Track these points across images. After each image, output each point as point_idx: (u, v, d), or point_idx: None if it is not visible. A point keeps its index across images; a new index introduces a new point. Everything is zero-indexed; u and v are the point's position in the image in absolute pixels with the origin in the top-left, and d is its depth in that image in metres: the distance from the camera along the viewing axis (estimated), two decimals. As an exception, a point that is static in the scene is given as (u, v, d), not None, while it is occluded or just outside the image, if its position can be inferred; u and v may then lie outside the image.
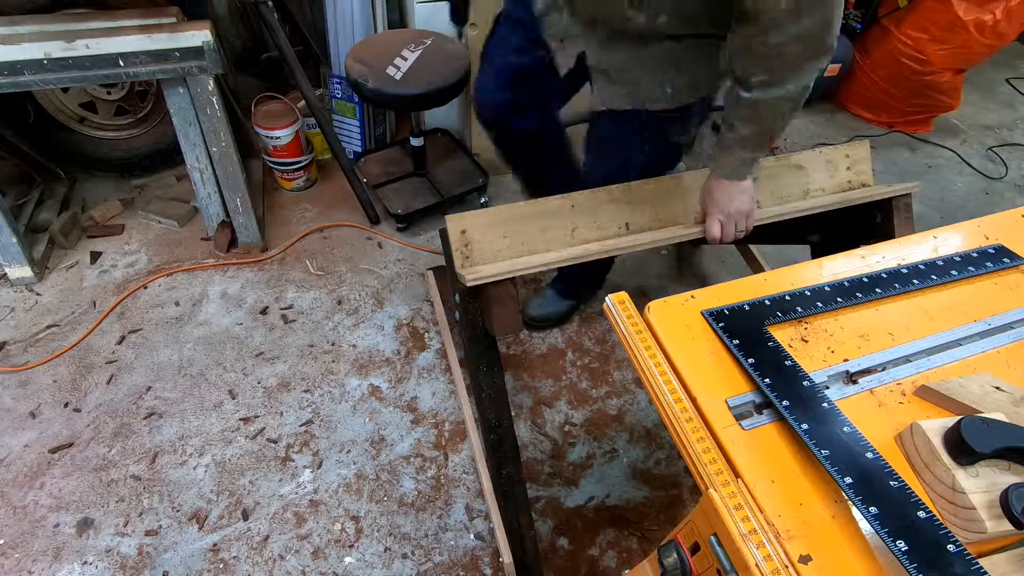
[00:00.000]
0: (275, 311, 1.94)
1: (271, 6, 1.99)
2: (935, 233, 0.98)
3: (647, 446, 1.70)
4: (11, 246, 1.86)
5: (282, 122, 2.14)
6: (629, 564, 1.47)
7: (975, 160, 2.86)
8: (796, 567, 0.57)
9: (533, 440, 1.70)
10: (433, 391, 1.78)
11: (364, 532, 1.49)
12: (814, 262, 0.91)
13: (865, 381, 0.75)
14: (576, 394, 1.81)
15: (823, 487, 0.64)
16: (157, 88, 2.04)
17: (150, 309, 1.92)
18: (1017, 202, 2.65)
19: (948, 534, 0.57)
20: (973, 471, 0.61)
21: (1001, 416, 0.65)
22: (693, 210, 1.31)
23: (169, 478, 1.55)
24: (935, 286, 0.87)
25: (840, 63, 2.81)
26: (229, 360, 1.81)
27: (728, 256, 2.25)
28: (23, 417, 1.64)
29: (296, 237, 2.17)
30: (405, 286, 2.05)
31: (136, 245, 2.11)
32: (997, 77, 3.48)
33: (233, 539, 1.46)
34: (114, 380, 1.74)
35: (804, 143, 2.84)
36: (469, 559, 1.46)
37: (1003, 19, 2.50)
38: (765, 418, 0.70)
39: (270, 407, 1.71)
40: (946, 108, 2.89)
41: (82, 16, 1.69)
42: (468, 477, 1.60)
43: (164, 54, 1.63)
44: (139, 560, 1.41)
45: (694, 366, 0.74)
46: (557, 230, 1.22)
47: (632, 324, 0.79)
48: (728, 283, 0.86)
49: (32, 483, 1.52)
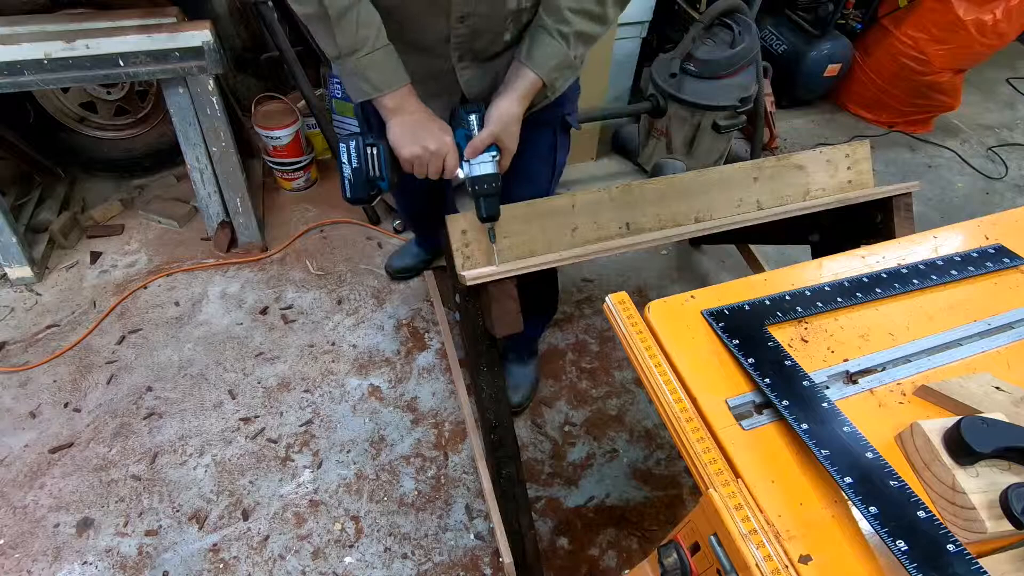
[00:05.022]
0: (275, 311, 1.94)
1: (271, 6, 1.99)
2: (935, 233, 0.98)
3: (647, 446, 1.70)
4: (11, 246, 1.86)
5: (282, 122, 2.14)
6: (629, 564, 1.47)
7: (975, 160, 2.86)
8: (796, 567, 0.57)
9: (533, 440, 1.70)
10: (433, 391, 1.78)
11: (364, 532, 1.49)
12: (814, 262, 0.91)
13: (865, 381, 0.75)
14: (576, 394, 1.81)
15: (823, 487, 0.64)
16: (157, 88, 2.04)
17: (150, 309, 1.92)
18: (1017, 202, 2.66)
19: (948, 534, 0.57)
20: (973, 471, 0.61)
21: (1001, 416, 0.65)
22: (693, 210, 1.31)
23: (169, 478, 1.55)
24: (935, 286, 0.87)
25: (840, 63, 2.81)
26: (229, 360, 1.81)
27: (728, 256, 2.25)
28: (23, 417, 1.64)
29: (296, 234, 2.17)
30: (405, 286, 2.05)
31: (136, 245, 2.11)
32: (997, 77, 3.48)
33: (233, 539, 1.46)
34: (114, 380, 1.74)
35: (804, 143, 2.84)
36: (469, 559, 1.46)
37: (1003, 19, 2.50)
38: (765, 418, 0.70)
39: (270, 407, 1.71)
40: (946, 108, 2.90)
41: (82, 16, 1.70)
42: (468, 477, 1.60)
43: (164, 54, 1.63)
44: (139, 560, 1.41)
45: (694, 366, 0.74)
46: (557, 230, 1.21)
47: (632, 324, 0.79)
48: (728, 283, 0.86)
49: (32, 483, 1.52)
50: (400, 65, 1.04)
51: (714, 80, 2.22)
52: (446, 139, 1.08)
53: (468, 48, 1.08)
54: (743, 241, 2.08)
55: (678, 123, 2.36)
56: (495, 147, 1.10)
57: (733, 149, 2.59)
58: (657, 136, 2.47)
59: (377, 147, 1.10)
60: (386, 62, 1.02)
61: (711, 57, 2.19)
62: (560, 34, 1.04)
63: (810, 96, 3.03)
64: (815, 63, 2.77)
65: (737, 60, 2.18)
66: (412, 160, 1.08)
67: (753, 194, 1.34)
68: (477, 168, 1.10)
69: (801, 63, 2.77)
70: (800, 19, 2.81)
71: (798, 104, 3.06)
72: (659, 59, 2.38)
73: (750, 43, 2.17)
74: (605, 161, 2.68)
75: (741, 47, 2.16)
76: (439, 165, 1.09)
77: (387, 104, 1.05)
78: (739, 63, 2.19)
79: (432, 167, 1.09)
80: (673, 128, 2.38)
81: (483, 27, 1.05)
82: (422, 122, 1.07)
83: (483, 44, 1.08)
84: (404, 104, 1.06)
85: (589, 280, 2.14)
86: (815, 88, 2.93)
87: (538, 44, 1.06)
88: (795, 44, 2.79)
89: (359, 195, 1.12)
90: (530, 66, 1.06)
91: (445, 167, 1.10)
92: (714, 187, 1.31)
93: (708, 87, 2.23)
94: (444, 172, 1.11)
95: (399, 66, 1.04)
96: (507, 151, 1.12)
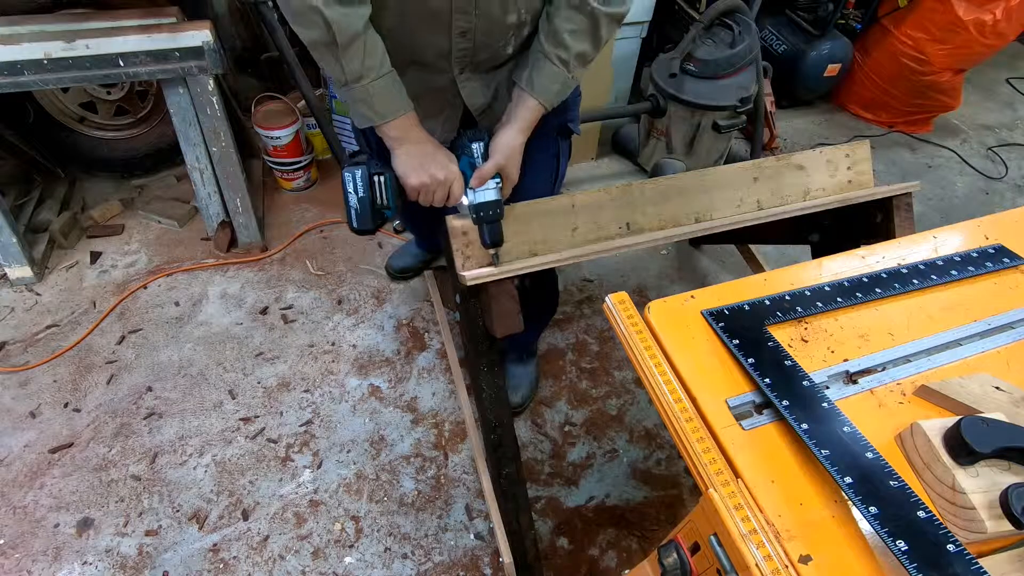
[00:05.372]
0: (275, 311, 1.94)
1: (271, 6, 1.99)
2: (935, 233, 0.98)
3: (647, 446, 1.70)
4: (11, 246, 1.86)
5: (282, 122, 2.14)
6: (629, 564, 1.47)
7: (975, 160, 2.86)
8: (796, 567, 0.57)
9: (533, 440, 1.70)
10: (433, 391, 1.78)
11: (364, 532, 1.49)
12: (814, 262, 0.91)
13: (865, 381, 0.75)
14: (576, 394, 1.81)
15: (823, 487, 0.64)
16: (157, 88, 2.04)
17: (150, 309, 1.92)
18: (1017, 202, 2.66)
19: (948, 534, 0.57)
20: (973, 471, 0.61)
21: (1001, 416, 0.65)
22: (693, 210, 1.31)
23: (169, 478, 1.55)
24: (935, 286, 0.87)
25: (840, 63, 2.81)
26: (229, 360, 1.81)
27: (728, 256, 2.25)
28: (23, 417, 1.64)
29: (296, 234, 2.17)
30: (405, 286, 2.05)
31: (136, 245, 2.11)
32: (997, 77, 3.48)
33: (233, 539, 1.46)
34: (114, 380, 1.74)
35: (804, 143, 2.84)
36: (469, 559, 1.46)
37: (1003, 19, 2.50)
38: (765, 418, 0.70)
39: (270, 407, 1.71)
40: (946, 108, 2.90)
41: (82, 16, 1.69)
42: (468, 477, 1.60)
43: (164, 54, 1.63)
44: (139, 560, 1.41)
45: (694, 366, 0.74)
46: (558, 230, 1.21)
47: (632, 324, 0.79)
48: (728, 283, 0.86)
49: (32, 483, 1.52)
50: (403, 92, 1.05)
51: (714, 80, 2.22)
52: (452, 168, 1.09)
53: (470, 61, 1.09)
54: (743, 241, 2.09)
55: (678, 123, 2.36)
56: (498, 175, 1.12)
57: (733, 149, 2.59)
58: (657, 136, 2.47)
59: (384, 176, 1.10)
60: (390, 89, 1.03)
61: (711, 57, 2.19)
62: (560, 60, 1.06)
63: (810, 96, 3.03)
64: (815, 63, 2.77)
65: (737, 60, 2.18)
66: (419, 189, 1.09)
67: (753, 194, 1.34)
68: (481, 195, 1.11)
69: (801, 63, 2.77)
70: (800, 19, 2.81)
71: (798, 104, 3.06)
72: (659, 59, 2.38)
73: (750, 43, 2.17)
74: (605, 161, 2.68)
75: (741, 47, 2.16)
76: (445, 193, 1.11)
77: (391, 133, 1.06)
78: (739, 63, 2.19)
79: (438, 195, 1.10)
80: (673, 128, 2.38)
81: (484, 41, 1.05)
82: (428, 151, 1.09)
83: (485, 57, 1.09)
84: (408, 133, 1.07)
85: (589, 280, 2.14)
86: (815, 88, 2.93)
87: (539, 71, 1.07)
88: (795, 44, 2.79)
89: (366, 226, 1.11)
90: (532, 94, 1.08)
91: (450, 195, 1.11)
92: (714, 187, 1.31)
93: (708, 87, 2.23)
94: (449, 200, 1.12)
95: (402, 92, 1.04)
96: (509, 180, 1.14)
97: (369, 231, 1.13)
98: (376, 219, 1.11)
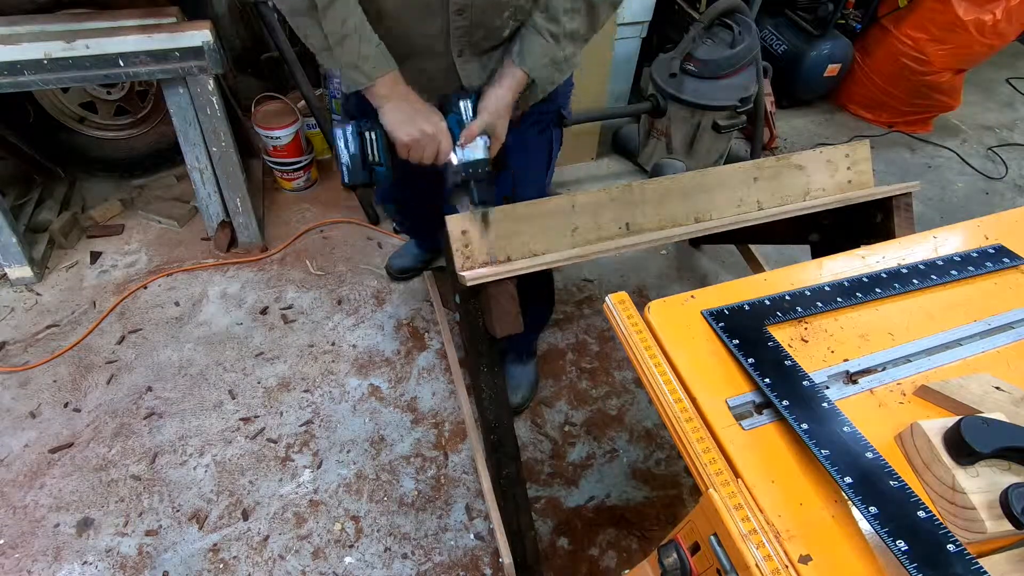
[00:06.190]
0: (275, 311, 1.94)
1: (271, 6, 1.99)
2: (935, 233, 0.98)
3: (647, 446, 1.70)
4: (11, 246, 1.86)
5: (282, 122, 2.14)
6: (629, 564, 1.47)
7: (975, 160, 2.86)
8: (796, 567, 0.57)
9: (533, 440, 1.70)
10: (433, 391, 1.78)
11: (364, 532, 1.49)
12: (814, 262, 0.91)
13: (865, 381, 0.75)
14: (576, 394, 1.81)
15: (823, 487, 0.64)
16: (157, 88, 2.04)
17: (150, 309, 1.92)
18: (1017, 202, 2.66)
19: (948, 534, 0.57)
20: (973, 471, 0.61)
21: (1001, 416, 0.65)
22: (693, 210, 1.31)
23: (169, 478, 1.55)
24: (935, 286, 0.87)
25: (840, 63, 2.81)
26: (229, 360, 1.81)
27: (728, 256, 2.25)
28: (23, 417, 1.64)
29: (296, 234, 2.17)
30: (405, 286, 2.05)
31: (136, 245, 2.11)
32: (997, 77, 3.48)
33: (233, 539, 1.46)
34: (114, 380, 1.74)
35: (804, 143, 2.84)
36: (469, 559, 1.46)
37: (1003, 19, 2.50)
38: (765, 418, 0.70)
39: (270, 407, 1.71)
40: (946, 108, 2.90)
41: (82, 16, 1.69)
42: (468, 477, 1.60)
43: (164, 54, 1.63)
44: (139, 560, 1.41)
45: (694, 366, 0.74)
46: (558, 230, 1.21)
47: (632, 324, 0.79)
48: (728, 283, 0.86)
49: (32, 483, 1.52)
50: (386, 50, 1.05)
51: (714, 80, 2.22)
52: (441, 124, 1.10)
53: (468, 41, 1.09)
54: (743, 241, 2.08)
55: (678, 123, 2.36)
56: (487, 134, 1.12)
57: (733, 149, 2.59)
58: (657, 136, 2.47)
59: (374, 131, 1.11)
60: (374, 48, 1.03)
61: (711, 57, 2.19)
62: (550, 34, 1.07)
63: (810, 96, 3.03)
64: (815, 63, 2.77)
65: (737, 60, 2.18)
66: (410, 143, 1.10)
67: (753, 194, 1.34)
68: (470, 153, 1.12)
69: (801, 63, 2.77)
70: (800, 19, 2.81)
71: (798, 104, 3.06)
72: (659, 59, 2.38)
73: (750, 43, 2.17)
74: (605, 161, 2.68)
75: (741, 47, 2.16)
76: (435, 148, 1.11)
77: (379, 91, 1.07)
78: (739, 63, 2.19)
79: (428, 151, 1.11)
80: (673, 128, 2.38)
81: (481, 19, 1.06)
82: (416, 107, 1.09)
83: (482, 35, 1.09)
84: (395, 89, 1.08)
85: (589, 280, 2.14)
86: (815, 88, 2.93)
87: (528, 43, 1.08)
88: (795, 44, 2.79)
89: (358, 179, 1.13)
90: (520, 64, 1.09)
91: (439, 151, 1.12)
92: (714, 187, 1.31)
93: (708, 87, 2.23)
94: (438, 156, 1.12)
95: (385, 51, 1.05)
96: (497, 139, 1.14)
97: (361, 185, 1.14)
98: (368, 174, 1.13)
